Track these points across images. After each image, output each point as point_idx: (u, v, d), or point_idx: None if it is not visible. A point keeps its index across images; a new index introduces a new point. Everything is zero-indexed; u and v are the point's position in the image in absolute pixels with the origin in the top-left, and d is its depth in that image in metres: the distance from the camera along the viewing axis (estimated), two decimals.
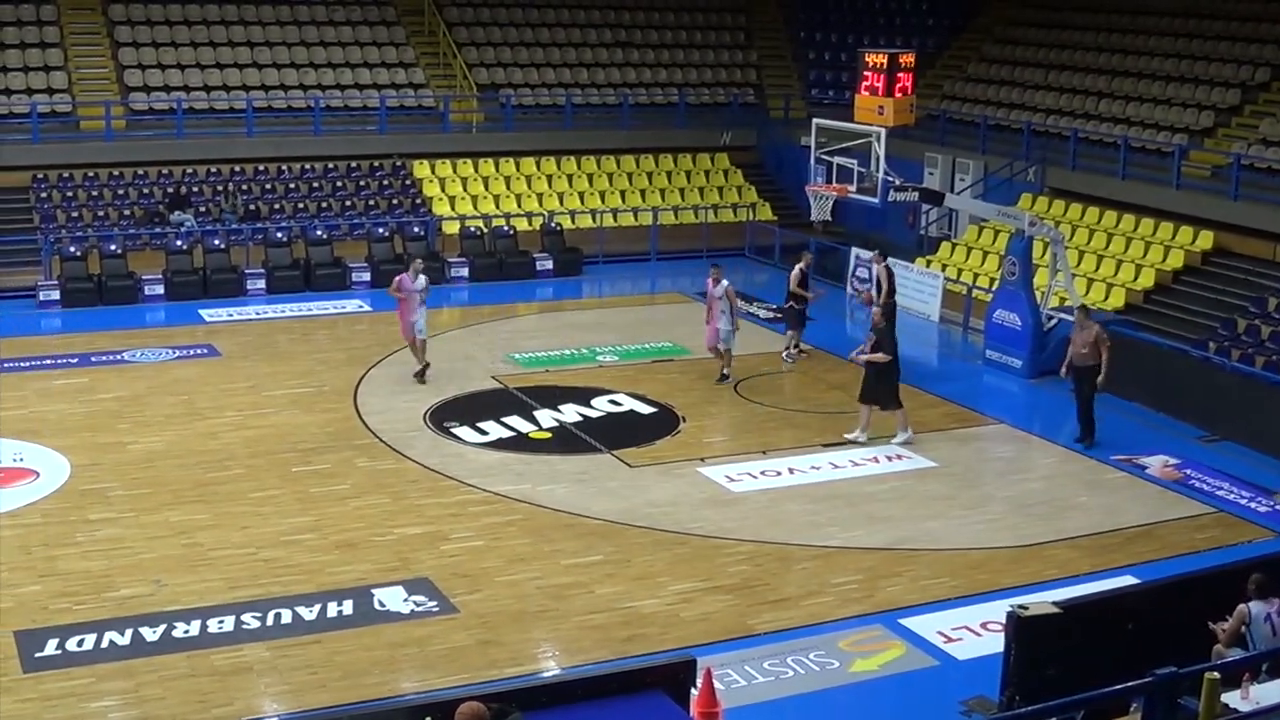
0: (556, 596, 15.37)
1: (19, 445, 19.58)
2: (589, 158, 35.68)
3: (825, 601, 15.51)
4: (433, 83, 36.08)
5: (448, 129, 34.74)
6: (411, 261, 24.23)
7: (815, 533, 17.35)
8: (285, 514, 17.45)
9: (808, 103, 38.19)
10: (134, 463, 19.07)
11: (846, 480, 19.10)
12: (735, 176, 36.60)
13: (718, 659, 13.40)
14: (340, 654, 13.97)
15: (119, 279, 28.32)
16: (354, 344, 24.60)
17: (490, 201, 33.96)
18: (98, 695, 13.09)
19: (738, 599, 15.45)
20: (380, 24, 37.07)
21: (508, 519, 17.46)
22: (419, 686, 13.36)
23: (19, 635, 14.09)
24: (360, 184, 33.39)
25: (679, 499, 18.28)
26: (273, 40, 35.72)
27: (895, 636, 14.69)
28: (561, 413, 21.64)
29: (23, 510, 17.33)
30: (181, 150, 32.37)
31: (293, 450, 19.71)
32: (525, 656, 14.13)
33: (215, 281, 28.80)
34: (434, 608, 14.98)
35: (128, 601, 14.93)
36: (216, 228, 30.51)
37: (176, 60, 34.30)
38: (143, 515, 17.22)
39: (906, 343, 25.95)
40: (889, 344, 20.67)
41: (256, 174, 32.92)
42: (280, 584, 15.43)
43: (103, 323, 26.39)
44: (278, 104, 34.20)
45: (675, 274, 30.99)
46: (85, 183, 31.65)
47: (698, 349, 24.09)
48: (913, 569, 16.42)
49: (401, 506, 17.76)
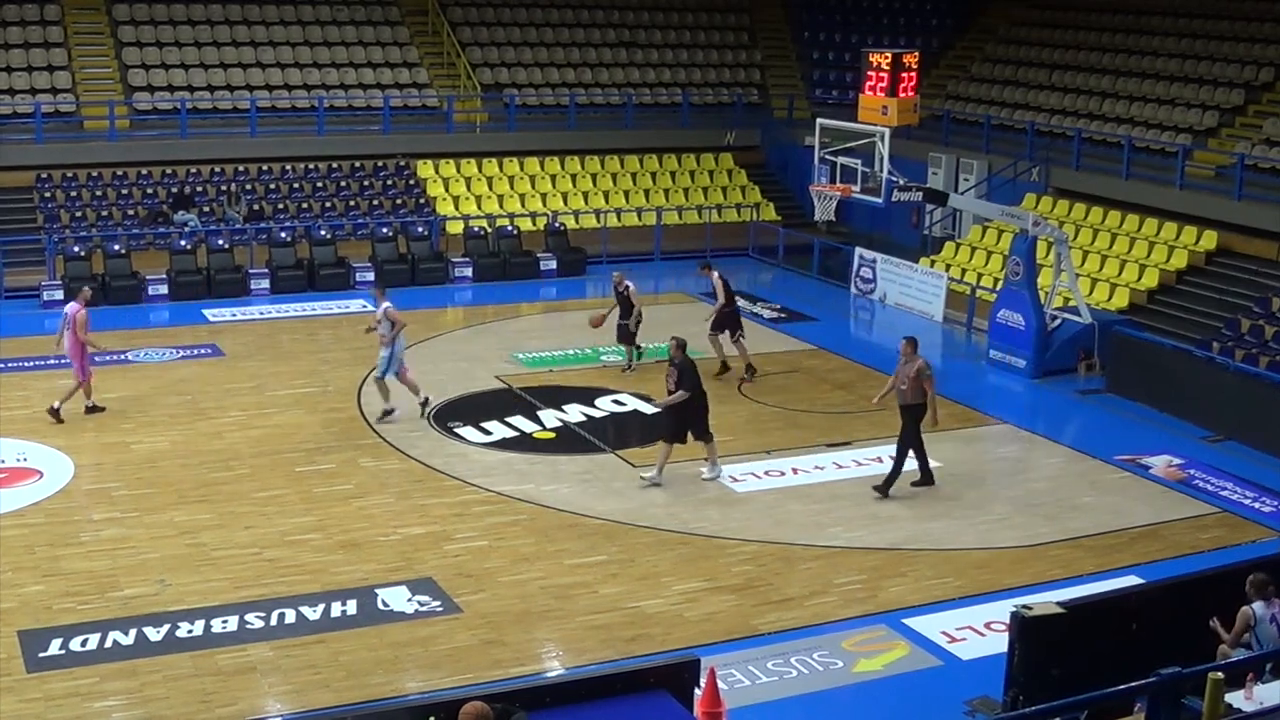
0: (560, 596, 15.37)
1: (23, 445, 19.59)
2: (592, 157, 35.70)
3: (829, 601, 15.51)
4: (437, 83, 36.10)
5: (452, 129, 34.74)
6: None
7: (819, 533, 17.35)
8: (289, 514, 17.45)
9: (811, 103, 38.21)
10: (138, 462, 19.08)
11: (850, 480, 19.08)
12: (739, 176, 36.60)
13: (721, 659, 13.40)
14: (344, 654, 13.97)
15: (123, 279, 28.33)
16: (358, 344, 24.56)
17: (494, 201, 33.96)
18: (101, 695, 13.09)
19: (741, 599, 15.44)
20: (384, 24, 37.09)
21: (512, 519, 17.46)
22: (423, 686, 13.36)
23: (22, 635, 14.09)
24: (364, 184, 33.40)
25: (680, 499, 18.27)
26: (276, 40, 35.74)
27: (899, 637, 14.68)
28: (565, 413, 21.65)
29: (26, 510, 17.34)
30: (185, 150, 32.38)
31: (297, 450, 19.71)
32: (529, 656, 14.13)
33: (219, 281, 28.81)
34: (438, 608, 14.99)
35: (132, 601, 14.93)
36: (220, 228, 30.53)
37: (180, 60, 34.31)
38: (146, 515, 17.22)
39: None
40: (690, 378, 18.65)
41: (260, 174, 32.94)
42: (284, 584, 15.44)
43: (106, 323, 26.32)
44: (281, 104, 34.22)
45: (679, 274, 30.97)
46: (89, 182, 31.67)
47: (703, 348, 24.05)
48: (916, 569, 16.41)
49: (405, 506, 17.77)
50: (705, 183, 36.15)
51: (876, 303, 29.69)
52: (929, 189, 27.06)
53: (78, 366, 20.89)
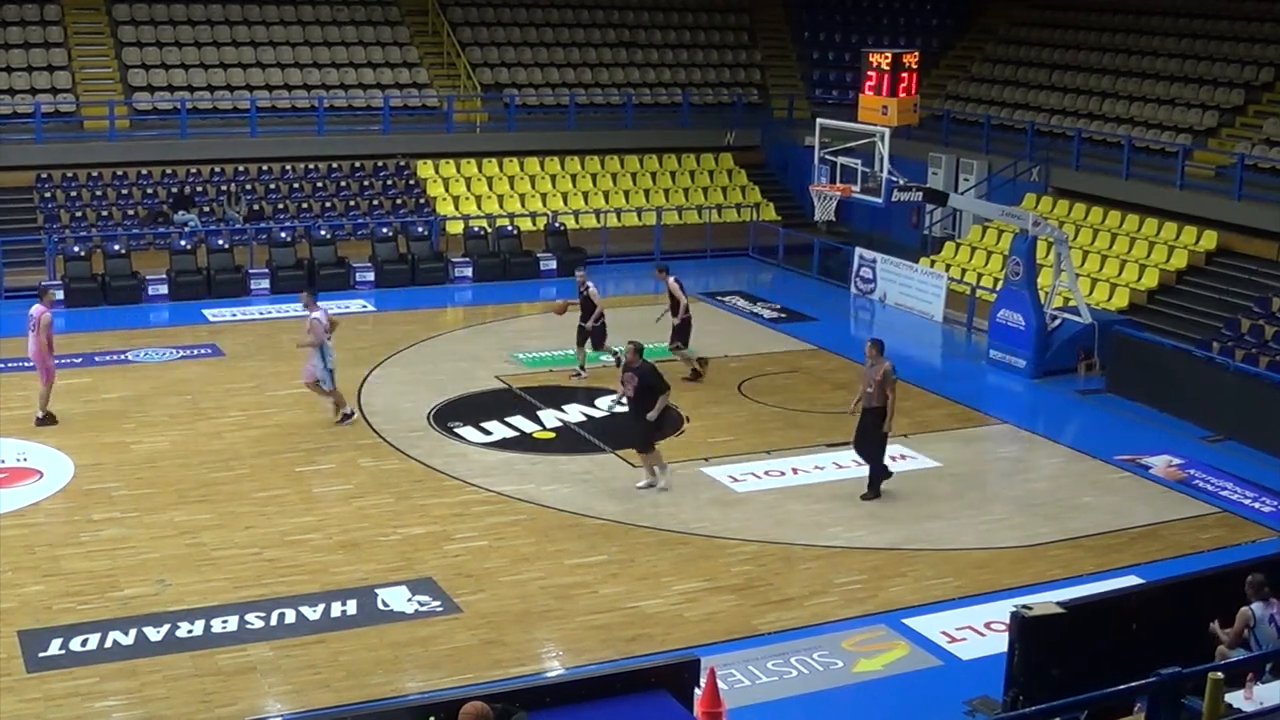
0: (560, 596, 15.37)
1: (22, 445, 19.58)
2: (592, 157, 35.69)
3: (829, 601, 15.51)
4: (436, 83, 36.09)
5: (451, 129, 34.74)
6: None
7: (819, 532, 17.35)
8: (289, 514, 17.44)
9: (811, 102, 38.21)
10: (138, 462, 19.07)
11: (850, 480, 19.05)
12: (739, 176, 36.59)
13: (721, 659, 13.40)
14: (344, 654, 13.97)
15: (122, 279, 28.32)
16: (358, 344, 24.57)
17: (494, 201, 33.95)
18: (101, 695, 13.09)
19: (741, 599, 15.45)
20: (384, 24, 37.09)
21: (511, 519, 17.46)
22: (423, 686, 13.36)
23: (22, 635, 14.09)
24: (364, 184, 33.40)
25: (680, 498, 18.27)
26: (276, 40, 35.73)
27: (899, 637, 14.69)
28: (565, 412, 21.65)
29: (26, 510, 17.34)
30: (185, 150, 32.37)
31: (296, 450, 19.71)
32: (529, 656, 14.13)
33: (219, 281, 28.81)
34: (438, 607, 14.98)
35: (131, 601, 14.93)
36: (220, 228, 30.52)
37: (180, 60, 34.31)
38: (146, 515, 17.22)
39: (912, 344, 26.11)
40: (655, 379, 18.19)
41: (260, 174, 32.93)
42: (284, 584, 15.43)
43: (106, 323, 26.39)
44: (281, 104, 34.21)
45: (679, 274, 30.79)
46: (89, 182, 31.66)
47: (702, 349, 24.07)
48: (916, 569, 16.42)
49: (405, 506, 17.76)
50: (705, 183, 36.14)
51: (876, 303, 29.69)
52: (929, 189, 27.07)
53: (42, 370, 20.59)
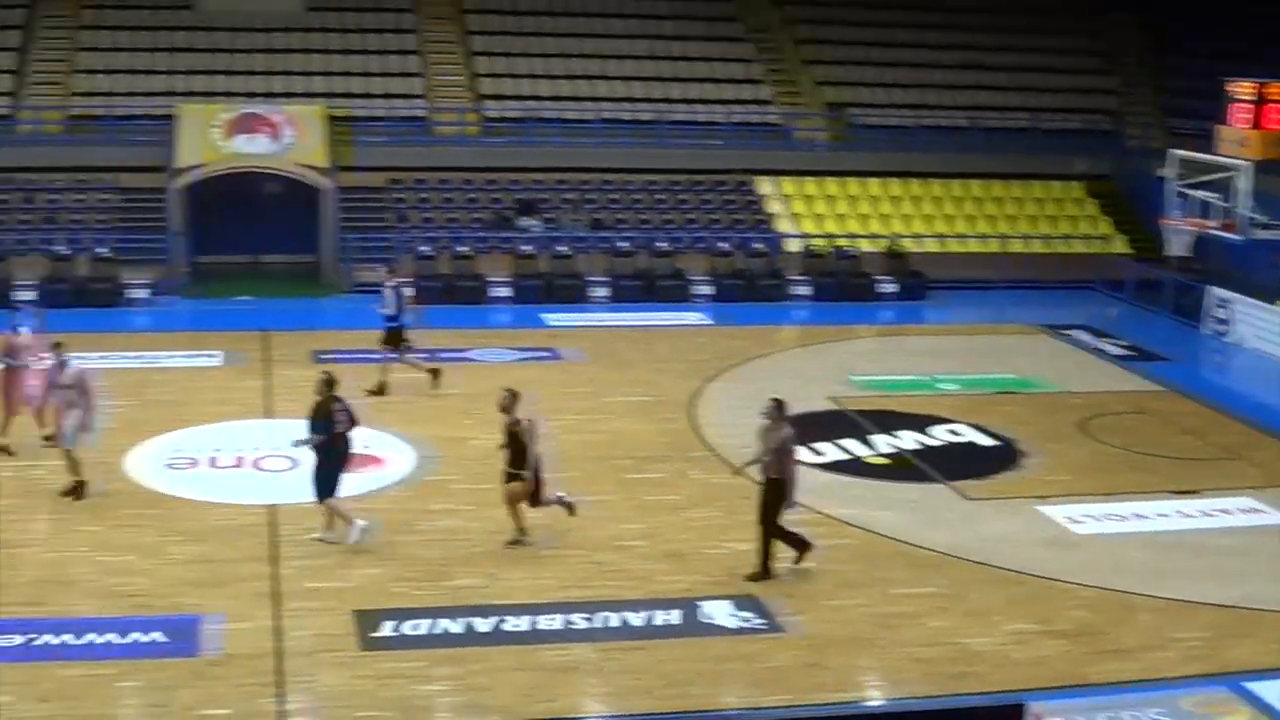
0: (884, 625, 14.97)
1: (370, 433, 20.24)
2: (935, 181, 35.03)
3: (1167, 656, 14.64)
4: (778, 99, 36.07)
5: (792, 146, 34.65)
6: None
7: (1160, 583, 16.41)
8: (618, 519, 17.58)
9: (1168, 132, 36.58)
10: (475, 458, 19.50)
11: (1194, 530, 18.03)
12: (1089, 206, 35.37)
13: (1048, 706, 12.81)
14: (665, 662, 13.92)
15: (467, 280, 29.28)
16: (695, 356, 24.71)
17: (833, 221, 33.69)
18: (428, 679, 13.39)
19: (1073, 645, 14.74)
20: (727, 40, 37.33)
21: (838, 542, 17.13)
22: (742, 702, 13.20)
23: (357, 614, 14.58)
24: (703, 198, 33.63)
25: (1015, 536, 17.62)
26: (622, 53, 36.37)
27: (1243, 702, 13.74)
28: (898, 438, 21.20)
29: (368, 496, 17.97)
30: (530, 158, 33.29)
31: (628, 457, 19.89)
32: (850, 683, 13.78)
33: (558, 287, 29.46)
34: (761, 625, 14.81)
35: (461, 591, 15.28)
36: (562, 235, 31.21)
37: (529, 70, 35.28)
38: (481, 510, 17.60)
39: (1275, 391, 24.50)
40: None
41: (602, 184, 33.53)
42: (609, 588, 15.53)
43: (450, 321, 27.22)
44: (624, 116, 34.77)
45: (1021, 304, 30.12)
46: (438, 186, 32.83)
47: (1044, 382, 23.24)
48: (1263, 630, 15.34)
49: (733, 521, 17.58)
50: (1051, 211, 35.09)
51: (1233, 345, 28.14)
52: None
53: (13, 398, 18.95)
